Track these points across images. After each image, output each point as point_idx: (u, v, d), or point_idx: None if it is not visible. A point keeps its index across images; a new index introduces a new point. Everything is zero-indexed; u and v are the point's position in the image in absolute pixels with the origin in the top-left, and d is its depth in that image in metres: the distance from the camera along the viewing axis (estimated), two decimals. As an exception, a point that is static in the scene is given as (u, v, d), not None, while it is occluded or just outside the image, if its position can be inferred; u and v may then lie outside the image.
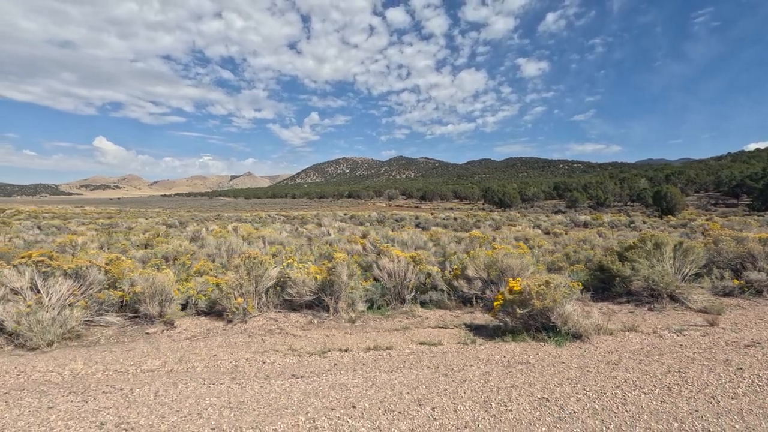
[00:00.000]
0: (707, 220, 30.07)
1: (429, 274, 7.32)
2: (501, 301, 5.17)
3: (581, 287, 4.95)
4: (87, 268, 5.76)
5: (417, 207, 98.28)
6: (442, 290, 7.09)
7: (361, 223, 29.70)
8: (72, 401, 3.11)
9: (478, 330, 5.36)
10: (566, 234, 18.80)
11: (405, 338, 5.05)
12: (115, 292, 5.89)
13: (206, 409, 2.89)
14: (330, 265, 6.12)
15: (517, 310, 4.71)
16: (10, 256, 10.02)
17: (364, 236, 14.26)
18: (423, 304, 6.86)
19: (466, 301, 6.92)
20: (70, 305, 5.36)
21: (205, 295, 6.18)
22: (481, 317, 6.16)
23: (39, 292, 5.58)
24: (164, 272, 6.01)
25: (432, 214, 45.13)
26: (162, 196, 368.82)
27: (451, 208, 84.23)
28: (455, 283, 6.83)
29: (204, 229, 15.39)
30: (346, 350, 4.50)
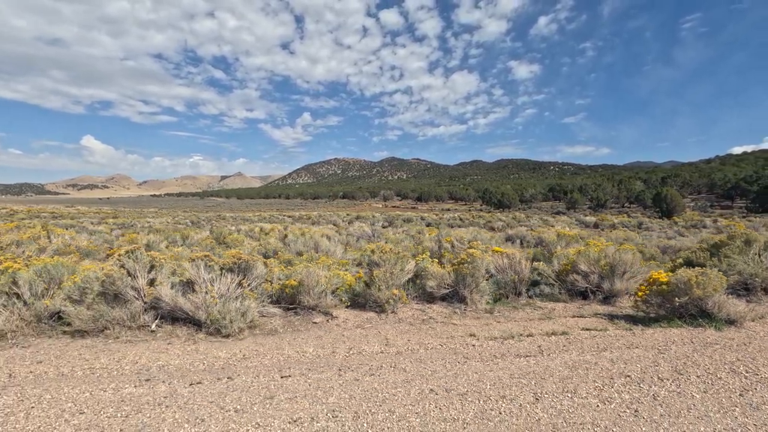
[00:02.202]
0: (714, 221, 31.18)
1: (535, 269, 7.83)
2: (646, 292, 5.70)
3: (726, 280, 5.48)
4: (252, 262, 6.12)
5: (414, 208, 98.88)
6: (551, 284, 7.60)
7: (372, 224, 30.03)
8: (362, 375, 3.52)
9: (616, 318, 5.86)
10: (591, 235, 19.48)
11: (560, 325, 5.53)
12: (273, 284, 6.27)
13: (500, 379, 3.34)
14: (467, 258, 6.58)
15: (675, 299, 5.23)
16: (96, 253, 10.28)
17: (419, 234, 14.71)
18: (537, 297, 7.35)
19: (576, 294, 7.43)
20: (243, 297, 5.73)
21: (348, 287, 6.57)
22: (601, 308, 6.68)
23: (205, 284, 5.94)
24: (315, 266, 6.40)
25: (436, 214, 45.71)
26: (152, 196, 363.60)
27: (449, 209, 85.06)
28: (569, 278, 7.33)
29: (258, 228, 15.67)
30: (529, 335, 4.97)
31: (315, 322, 5.88)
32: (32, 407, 2.92)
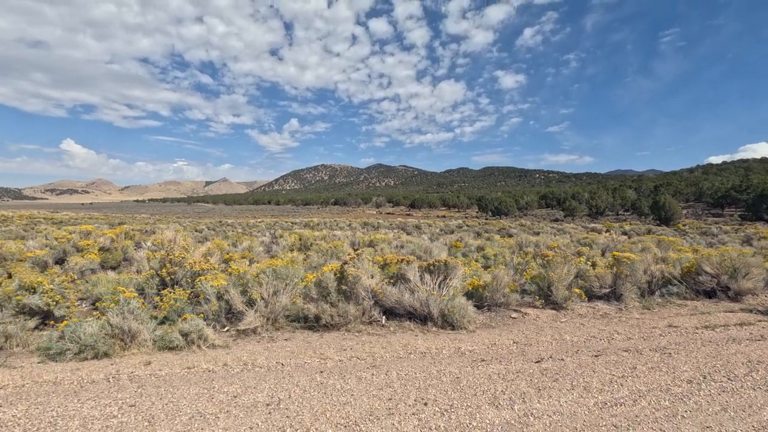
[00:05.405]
0: (719, 228, 33.01)
1: (660, 271, 8.75)
2: (797, 289, 6.67)
3: None
4: (453, 264, 6.85)
5: (408, 215, 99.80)
6: (675, 285, 8.53)
7: (390, 230, 30.62)
8: (664, 353, 4.32)
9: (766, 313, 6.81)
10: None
11: (731, 319, 6.43)
12: (473, 281, 7.00)
13: (786, 354, 4.18)
14: (627, 261, 7.45)
15: (835, 294, 6.20)
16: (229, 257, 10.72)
17: (488, 240, 15.56)
18: (668, 296, 8.26)
19: (700, 293, 8.37)
20: (452, 296, 6.45)
21: (513, 287, 7.35)
22: (737, 305, 7.62)
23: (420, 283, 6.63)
24: (502, 268, 7.17)
25: (443, 221, 46.70)
26: (135, 201, 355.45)
27: (444, 216, 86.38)
28: (697, 278, 8.27)
29: (332, 232, 16.30)
30: (724, 325, 5.85)
31: (513, 317, 6.64)
32: (458, 378, 3.62)
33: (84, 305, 7.13)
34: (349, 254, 6.67)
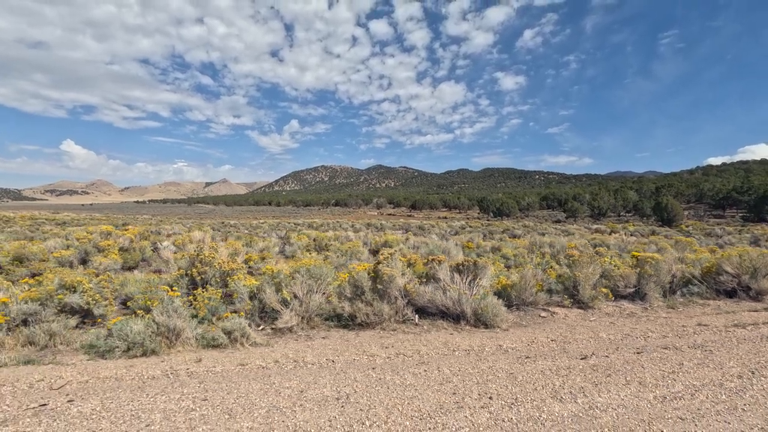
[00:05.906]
0: (722, 229, 33.12)
1: (681, 271, 8.85)
2: (821, 288, 6.76)
3: None
4: (482, 264, 6.94)
5: (410, 216, 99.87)
6: (696, 284, 8.62)
7: (396, 231, 30.68)
8: (706, 351, 4.41)
9: (789, 312, 6.89)
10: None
11: (759, 317, 6.53)
12: (500, 280, 7.09)
13: (825, 351, 4.28)
14: (651, 261, 7.55)
15: None
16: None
17: (501, 241, 15.65)
18: (689, 296, 8.35)
19: (720, 293, 8.46)
20: (483, 295, 6.53)
21: (539, 287, 7.44)
22: (759, 305, 7.71)
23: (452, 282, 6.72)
24: (529, 268, 7.26)
25: (446, 223, 46.79)
26: (135, 202, 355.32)
27: (445, 217, 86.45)
28: (718, 278, 8.37)
29: (345, 233, 16.39)
30: (753, 324, 5.94)
31: (542, 316, 6.73)
32: (512, 374, 3.70)
33: (114, 304, 7.20)
34: (381, 254, 6.74)
